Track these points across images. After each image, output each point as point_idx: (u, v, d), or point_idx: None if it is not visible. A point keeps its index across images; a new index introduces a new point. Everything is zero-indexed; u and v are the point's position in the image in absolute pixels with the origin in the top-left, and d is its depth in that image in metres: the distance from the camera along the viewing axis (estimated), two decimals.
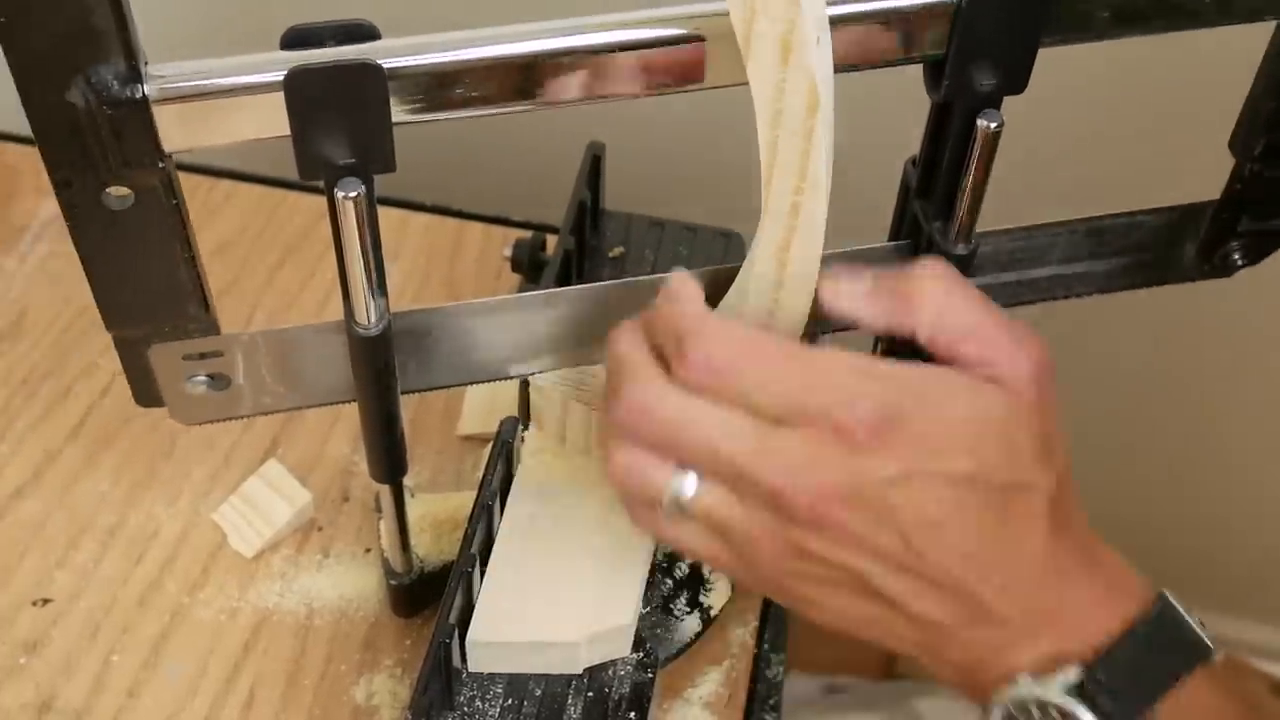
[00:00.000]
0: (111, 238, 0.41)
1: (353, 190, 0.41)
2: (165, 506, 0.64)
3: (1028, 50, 0.44)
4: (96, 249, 0.42)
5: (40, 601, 0.59)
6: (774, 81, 0.39)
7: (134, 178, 0.40)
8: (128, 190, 0.40)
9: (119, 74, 0.37)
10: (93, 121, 0.38)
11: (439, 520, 0.59)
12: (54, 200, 0.39)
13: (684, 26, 0.42)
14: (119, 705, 0.56)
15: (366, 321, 0.45)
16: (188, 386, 0.47)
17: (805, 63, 0.38)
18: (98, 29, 0.36)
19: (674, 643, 0.54)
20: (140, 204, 0.41)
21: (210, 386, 0.47)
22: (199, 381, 0.47)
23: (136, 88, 0.38)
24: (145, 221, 0.41)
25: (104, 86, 0.37)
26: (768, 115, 0.40)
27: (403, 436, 0.50)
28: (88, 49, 0.36)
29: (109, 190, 0.40)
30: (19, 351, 0.70)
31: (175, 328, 0.45)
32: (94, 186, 0.40)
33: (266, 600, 0.60)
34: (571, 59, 0.41)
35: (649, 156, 0.82)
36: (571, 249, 0.62)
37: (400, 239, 0.78)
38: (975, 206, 0.47)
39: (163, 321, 0.45)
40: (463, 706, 0.49)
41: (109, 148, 0.39)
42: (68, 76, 0.37)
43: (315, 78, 0.39)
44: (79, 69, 0.37)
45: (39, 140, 0.39)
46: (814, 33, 0.38)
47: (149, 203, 0.41)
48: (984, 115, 0.45)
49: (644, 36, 0.41)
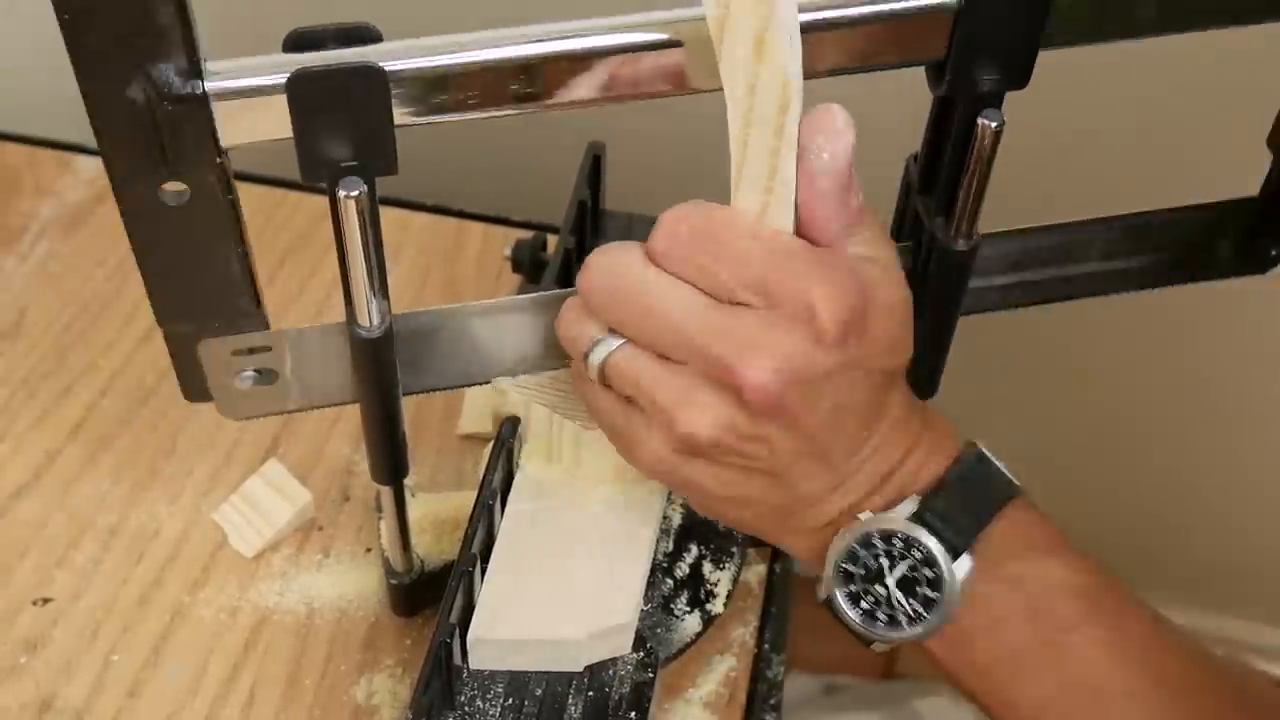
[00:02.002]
0: (166, 233, 0.42)
1: (354, 189, 0.41)
2: (166, 506, 0.64)
3: (1029, 46, 0.44)
4: (151, 245, 0.42)
5: (40, 601, 0.59)
6: (746, 79, 0.39)
7: (191, 174, 0.40)
8: (184, 186, 0.40)
9: (180, 70, 0.37)
10: (152, 118, 0.38)
11: (440, 520, 0.59)
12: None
13: (683, 29, 0.42)
14: (119, 705, 0.56)
15: (368, 323, 0.45)
16: (236, 381, 0.47)
17: (778, 61, 0.38)
18: (160, 25, 0.36)
19: (674, 642, 0.54)
20: (196, 200, 0.41)
21: (257, 381, 0.48)
22: (247, 377, 0.47)
23: (197, 84, 0.38)
24: (201, 217, 0.41)
25: (165, 82, 0.37)
26: (739, 113, 0.40)
27: (404, 438, 0.50)
28: (149, 45, 0.37)
29: (166, 186, 0.40)
30: (19, 351, 0.70)
31: (225, 323, 0.45)
32: (151, 183, 0.40)
33: (267, 600, 0.60)
34: (574, 62, 0.41)
35: (649, 156, 0.82)
36: (572, 249, 0.62)
37: (400, 239, 0.78)
38: (977, 202, 0.47)
39: (214, 316, 0.45)
40: (463, 706, 0.49)
41: (168, 144, 0.39)
42: (129, 73, 0.37)
43: (318, 81, 0.39)
44: (140, 65, 0.37)
45: (99, 137, 0.39)
46: (787, 31, 0.38)
47: (205, 198, 0.41)
48: (985, 114, 0.45)
49: (646, 39, 0.42)
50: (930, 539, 0.44)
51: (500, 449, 0.53)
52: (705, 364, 0.41)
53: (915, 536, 0.44)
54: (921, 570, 0.44)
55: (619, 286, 0.42)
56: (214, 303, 0.44)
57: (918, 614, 0.44)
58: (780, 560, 0.63)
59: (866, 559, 0.45)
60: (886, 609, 0.45)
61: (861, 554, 0.45)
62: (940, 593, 0.44)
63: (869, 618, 0.45)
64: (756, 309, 0.40)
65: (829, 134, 0.40)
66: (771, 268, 0.40)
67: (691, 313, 0.41)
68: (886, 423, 0.44)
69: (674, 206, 0.42)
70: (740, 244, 0.40)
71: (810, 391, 0.41)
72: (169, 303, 0.44)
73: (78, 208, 0.79)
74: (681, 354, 0.41)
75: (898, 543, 0.44)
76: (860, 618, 0.45)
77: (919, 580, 0.44)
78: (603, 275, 0.42)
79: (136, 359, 0.70)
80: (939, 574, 0.44)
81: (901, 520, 0.44)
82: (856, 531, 0.45)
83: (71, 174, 0.81)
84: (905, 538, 0.44)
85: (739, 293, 0.40)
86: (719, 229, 0.41)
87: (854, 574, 0.45)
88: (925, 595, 0.44)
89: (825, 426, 0.42)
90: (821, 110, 0.41)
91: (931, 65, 0.45)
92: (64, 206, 0.79)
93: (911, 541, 0.44)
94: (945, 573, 0.44)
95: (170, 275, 0.43)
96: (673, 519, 0.57)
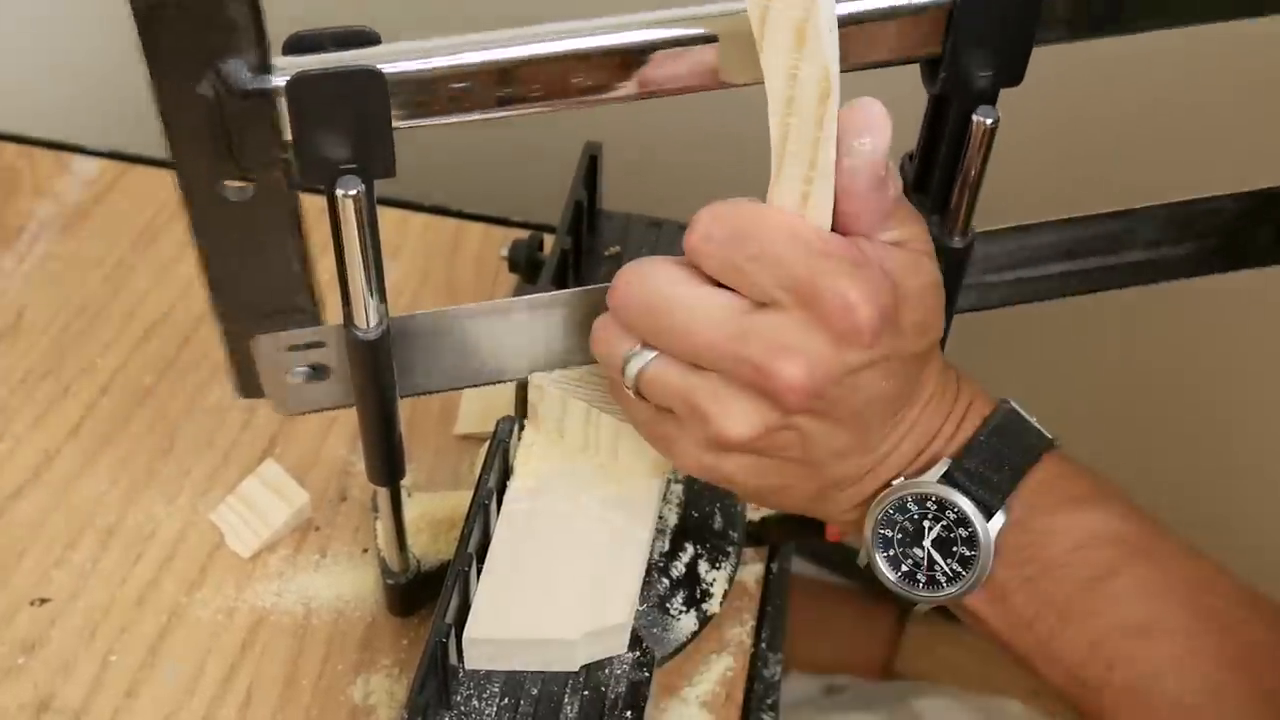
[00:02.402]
0: (229, 229, 0.42)
1: (353, 189, 0.41)
2: (163, 506, 0.64)
3: (1023, 43, 0.44)
4: (214, 240, 0.42)
5: (38, 601, 0.60)
6: (787, 68, 0.39)
7: (255, 170, 0.40)
8: (247, 182, 0.41)
9: (251, 66, 0.38)
10: (221, 114, 0.38)
11: (436, 520, 0.60)
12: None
13: (687, 27, 0.42)
14: (117, 705, 0.56)
15: (365, 325, 0.45)
16: (289, 378, 0.47)
17: (820, 49, 0.39)
18: (233, 20, 0.36)
19: (671, 642, 0.54)
20: (260, 195, 0.41)
21: (310, 378, 0.48)
22: (299, 372, 0.47)
23: (267, 79, 0.38)
24: (263, 213, 0.42)
25: (236, 78, 0.37)
26: (780, 102, 0.40)
27: (401, 440, 0.50)
28: (222, 41, 0.37)
29: (230, 182, 0.40)
30: (18, 351, 0.71)
31: (282, 319, 0.45)
32: (217, 179, 0.40)
33: (264, 600, 0.60)
34: (571, 62, 0.41)
35: (646, 156, 0.82)
36: (568, 249, 0.62)
37: (399, 239, 0.78)
38: (972, 200, 0.47)
39: (270, 312, 0.45)
40: (459, 706, 0.49)
41: (235, 140, 0.39)
42: (201, 69, 0.37)
43: (317, 84, 0.39)
44: (212, 61, 0.37)
45: (167, 132, 0.39)
46: (827, 20, 0.38)
47: (268, 195, 0.41)
48: (980, 111, 0.45)
49: (644, 39, 0.42)
50: (962, 499, 0.45)
51: (496, 449, 0.53)
52: (738, 368, 0.41)
53: (948, 498, 0.45)
54: (956, 530, 0.45)
55: (649, 302, 0.43)
56: (272, 299, 0.45)
57: (955, 573, 0.45)
58: (777, 560, 0.63)
59: (903, 523, 0.46)
60: (926, 570, 0.46)
61: (898, 518, 0.46)
62: (976, 551, 0.45)
63: (909, 579, 0.46)
64: (788, 309, 0.41)
65: (868, 126, 0.41)
66: (807, 268, 0.40)
67: (723, 322, 0.41)
68: (920, 402, 0.45)
69: (711, 204, 0.42)
70: (778, 245, 0.41)
71: (844, 388, 0.42)
72: (227, 299, 0.45)
73: (76, 208, 0.79)
74: (714, 363, 0.42)
75: (931, 505, 0.45)
76: (901, 580, 0.47)
77: (955, 540, 0.45)
78: (632, 290, 0.43)
79: (135, 359, 0.70)
80: (973, 532, 0.45)
81: (933, 483, 0.45)
82: (892, 497, 0.46)
83: (70, 174, 0.81)
84: (939, 499, 0.45)
85: (773, 292, 0.41)
86: (756, 228, 0.41)
87: (891, 538, 0.46)
88: (962, 554, 0.45)
89: (859, 417, 0.43)
90: (860, 103, 0.41)
91: (926, 63, 0.45)
92: (62, 207, 0.79)
93: (945, 503, 0.45)
94: (980, 531, 0.45)
95: (230, 271, 0.44)
96: (669, 519, 0.57)
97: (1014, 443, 0.46)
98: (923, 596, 0.46)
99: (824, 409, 0.42)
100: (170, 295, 0.74)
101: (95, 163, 0.82)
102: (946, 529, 0.45)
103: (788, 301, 0.41)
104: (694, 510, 0.57)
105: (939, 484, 0.45)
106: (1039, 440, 0.46)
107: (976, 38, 0.44)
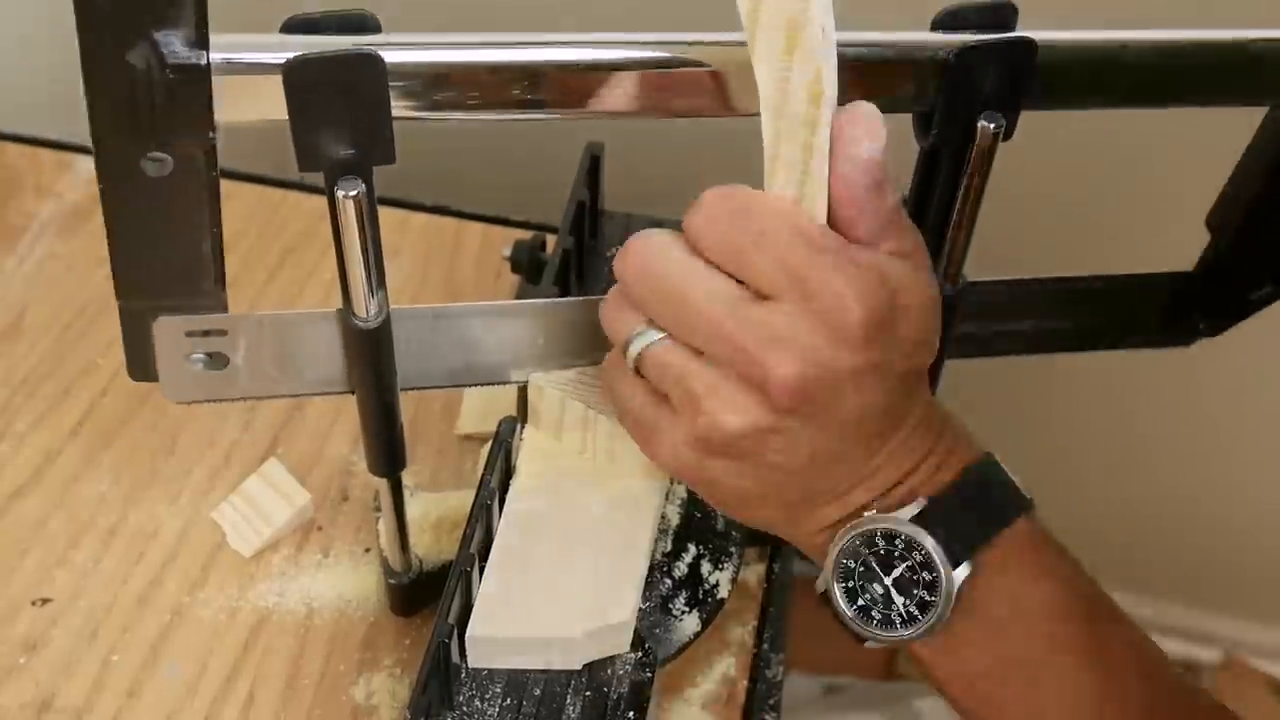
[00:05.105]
0: (142, 205, 0.41)
1: (353, 189, 0.40)
2: (165, 506, 0.64)
3: (1015, 103, 0.44)
4: (125, 215, 0.42)
5: (40, 601, 0.60)
6: (779, 72, 0.39)
7: (178, 145, 0.40)
8: (167, 157, 0.40)
9: (188, 39, 0.37)
10: (149, 85, 0.37)
11: (438, 519, 0.60)
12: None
13: (693, 50, 0.42)
14: (118, 705, 0.56)
15: (365, 314, 0.45)
16: (186, 364, 0.47)
17: (811, 53, 0.38)
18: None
19: (673, 642, 0.54)
20: (178, 172, 0.40)
21: (207, 366, 0.47)
22: (197, 360, 0.47)
23: (201, 54, 0.37)
24: (180, 191, 0.41)
25: (170, 50, 0.37)
26: (771, 106, 0.40)
27: (401, 430, 0.50)
28: (161, 11, 0.36)
29: (150, 155, 0.40)
30: (18, 351, 0.71)
31: (184, 303, 0.45)
32: (135, 151, 0.40)
33: (266, 600, 0.60)
34: (573, 72, 0.42)
35: (648, 156, 0.82)
36: (570, 249, 0.62)
37: (400, 239, 0.78)
38: (964, 248, 0.48)
39: (175, 295, 0.44)
40: (462, 706, 0.49)
41: (160, 113, 0.38)
42: (134, 38, 0.37)
43: (314, 66, 0.38)
44: (147, 31, 0.37)
45: (89, 98, 0.38)
46: (819, 22, 0.38)
47: (187, 172, 0.40)
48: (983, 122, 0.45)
49: (652, 56, 0.42)
50: (931, 543, 0.44)
51: (499, 449, 0.53)
52: (734, 355, 0.41)
53: (917, 539, 0.44)
54: (920, 573, 0.44)
55: (655, 272, 0.42)
56: (178, 280, 0.44)
57: (912, 616, 0.44)
58: (779, 560, 0.63)
59: (867, 557, 0.45)
60: (882, 608, 0.45)
61: (863, 551, 0.45)
62: (936, 597, 0.44)
63: (864, 614, 0.45)
64: (785, 303, 0.40)
65: (862, 131, 0.41)
66: (805, 260, 0.40)
67: (723, 303, 0.41)
68: (907, 426, 0.44)
69: (715, 187, 0.42)
70: (779, 233, 0.40)
71: (834, 390, 0.41)
72: (133, 277, 0.44)
73: (77, 208, 0.79)
74: (712, 344, 0.41)
75: (899, 543, 0.44)
76: (856, 614, 0.45)
77: (917, 583, 0.44)
78: (639, 259, 0.43)
79: None
80: (936, 578, 0.44)
81: (906, 521, 0.44)
82: (861, 528, 0.45)
83: (71, 174, 0.81)
84: (907, 539, 0.44)
85: (772, 280, 0.40)
86: (760, 214, 0.41)
87: (853, 569, 0.45)
88: (921, 598, 0.44)
89: (846, 426, 0.42)
90: (854, 107, 0.41)
91: (919, 115, 0.45)
92: (64, 206, 0.79)
93: (913, 543, 0.44)
94: (943, 578, 0.44)
95: (139, 248, 0.43)
96: (671, 519, 0.57)
97: (992, 497, 0.45)
98: (875, 634, 0.45)
99: (812, 412, 0.41)
100: None
101: None
102: (911, 570, 0.44)
103: (784, 292, 0.40)
104: (696, 510, 0.57)
105: (911, 523, 0.44)
106: (1017, 499, 0.45)
107: (968, 96, 0.44)
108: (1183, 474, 1.14)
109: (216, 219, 0.42)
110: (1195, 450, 1.11)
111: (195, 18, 0.37)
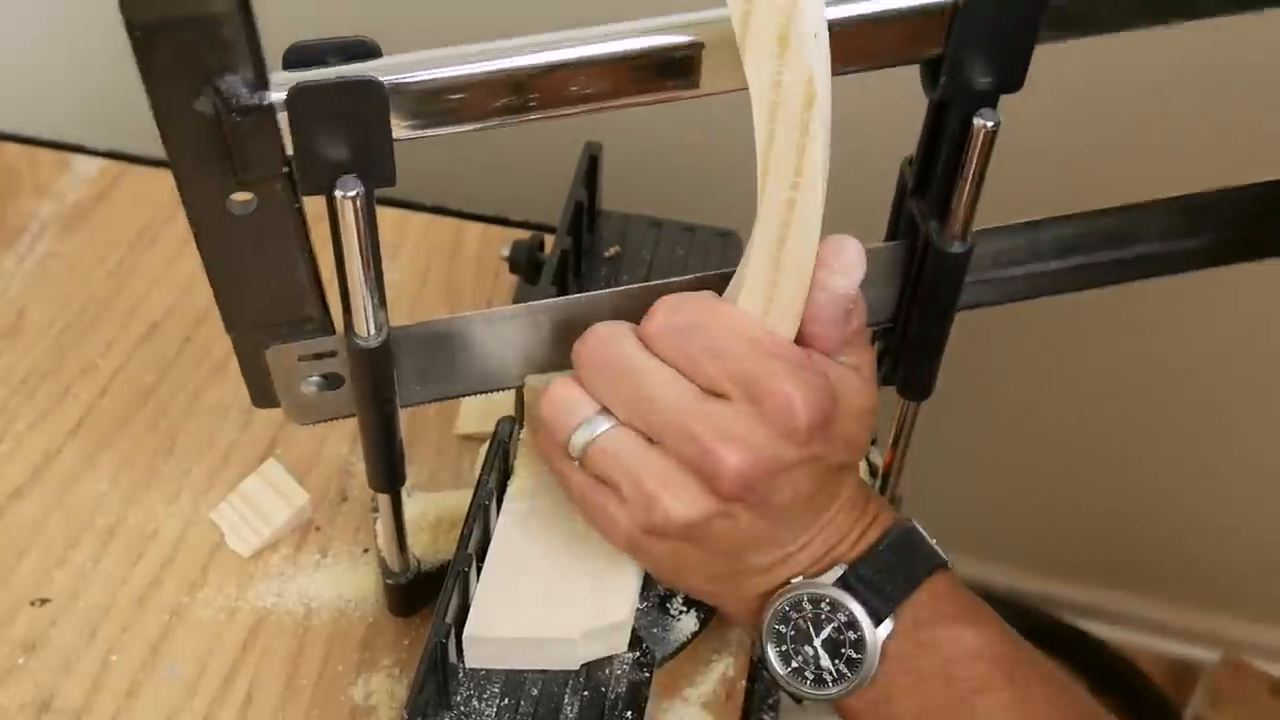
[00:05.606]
0: (234, 242, 0.43)
1: (352, 189, 0.41)
2: (164, 506, 0.64)
3: (1024, 49, 0.44)
4: (220, 254, 0.43)
5: (39, 601, 0.60)
6: (770, 75, 0.39)
7: (257, 183, 0.41)
8: (251, 196, 0.41)
9: (248, 81, 0.38)
10: (220, 129, 0.39)
11: (436, 519, 0.60)
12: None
13: (682, 34, 0.42)
14: (117, 705, 0.56)
15: (366, 333, 0.45)
16: (303, 387, 0.48)
17: (803, 56, 0.38)
18: (227, 38, 0.37)
19: (671, 642, 0.54)
20: (263, 208, 0.42)
21: (323, 387, 0.48)
22: (312, 382, 0.48)
23: (264, 94, 0.38)
24: (267, 225, 0.42)
25: (233, 94, 0.38)
26: (764, 109, 0.40)
27: (401, 447, 0.50)
28: (217, 59, 0.37)
29: (233, 196, 0.41)
30: (18, 351, 0.71)
31: (292, 329, 0.46)
32: (219, 193, 0.41)
33: (265, 600, 0.60)
34: (569, 72, 0.42)
35: (646, 156, 0.82)
36: (569, 249, 0.62)
37: (399, 239, 0.79)
38: (972, 204, 0.47)
39: (281, 323, 0.46)
40: (459, 706, 0.49)
41: (235, 154, 0.39)
42: (197, 86, 0.38)
43: (317, 94, 0.39)
44: (208, 78, 0.38)
45: (168, 149, 0.39)
46: (812, 26, 0.38)
47: (271, 206, 0.42)
48: (980, 114, 0.45)
49: (641, 46, 0.42)
50: (854, 603, 0.46)
51: (497, 449, 0.53)
52: (688, 446, 0.43)
53: (841, 600, 0.46)
54: (846, 633, 0.46)
55: (620, 364, 0.44)
56: (281, 309, 0.45)
57: (841, 674, 0.47)
58: None
59: (797, 620, 0.47)
60: (814, 668, 0.47)
61: (793, 615, 0.47)
62: (862, 654, 0.46)
63: (798, 675, 0.48)
64: (736, 402, 0.43)
65: (844, 267, 0.44)
66: (755, 365, 0.43)
67: (680, 395, 0.43)
68: (835, 506, 0.48)
69: (668, 296, 0.45)
70: (728, 340, 0.43)
71: (776, 481, 0.44)
72: (237, 311, 0.45)
73: (77, 208, 0.79)
74: (667, 434, 0.44)
75: (825, 606, 0.47)
76: (790, 675, 0.48)
77: (844, 642, 0.46)
78: (601, 346, 0.45)
79: (135, 359, 0.70)
80: (861, 637, 0.46)
81: (829, 585, 0.47)
82: (790, 594, 0.47)
83: (71, 174, 0.81)
84: (832, 601, 0.46)
85: (722, 383, 0.43)
86: (710, 323, 0.44)
87: (785, 634, 0.48)
88: (849, 656, 0.46)
89: (781, 512, 0.46)
90: (838, 242, 0.44)
91: (927, 66, 0.45)
92: (63, 206, 0.79)
93: (837, 605, 0.46)
94: (867, 636, 0.46)
95: (238, 284, 0.44)
96: None
97: (909, 556, 0.48)
98: (808, 693, 0.48)
99: (755, 501, 0.44)
100: (171, 295, 0.74)
101: (96, 163, 0.82)
102: (837, 630, 0.46)
103: (735, 394, 0.43)
104: None
105: (834, 586, 0.46)
106: (933, 557, 0.48)
107: (977, 41, 0.44)
108: (1183, 474, 1.13)
109: (307, 245, 0.44)
110: (1195, 450, 1.11)
111: (253, 59, 0.38)
